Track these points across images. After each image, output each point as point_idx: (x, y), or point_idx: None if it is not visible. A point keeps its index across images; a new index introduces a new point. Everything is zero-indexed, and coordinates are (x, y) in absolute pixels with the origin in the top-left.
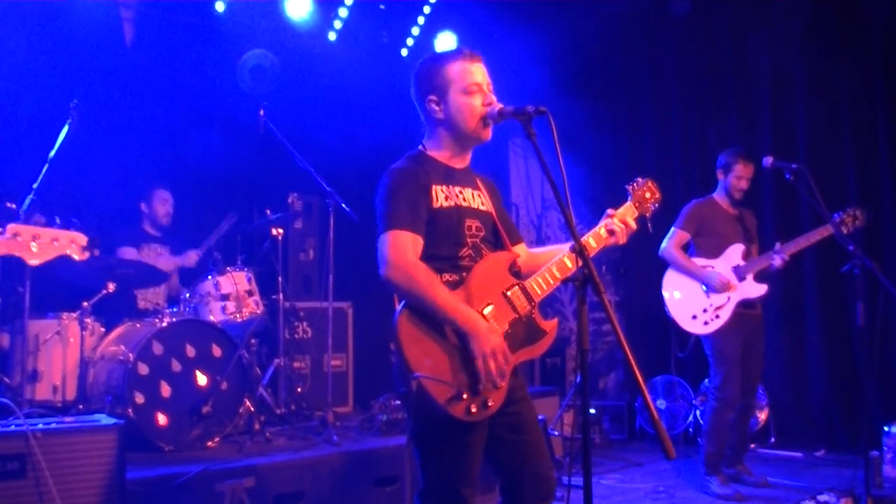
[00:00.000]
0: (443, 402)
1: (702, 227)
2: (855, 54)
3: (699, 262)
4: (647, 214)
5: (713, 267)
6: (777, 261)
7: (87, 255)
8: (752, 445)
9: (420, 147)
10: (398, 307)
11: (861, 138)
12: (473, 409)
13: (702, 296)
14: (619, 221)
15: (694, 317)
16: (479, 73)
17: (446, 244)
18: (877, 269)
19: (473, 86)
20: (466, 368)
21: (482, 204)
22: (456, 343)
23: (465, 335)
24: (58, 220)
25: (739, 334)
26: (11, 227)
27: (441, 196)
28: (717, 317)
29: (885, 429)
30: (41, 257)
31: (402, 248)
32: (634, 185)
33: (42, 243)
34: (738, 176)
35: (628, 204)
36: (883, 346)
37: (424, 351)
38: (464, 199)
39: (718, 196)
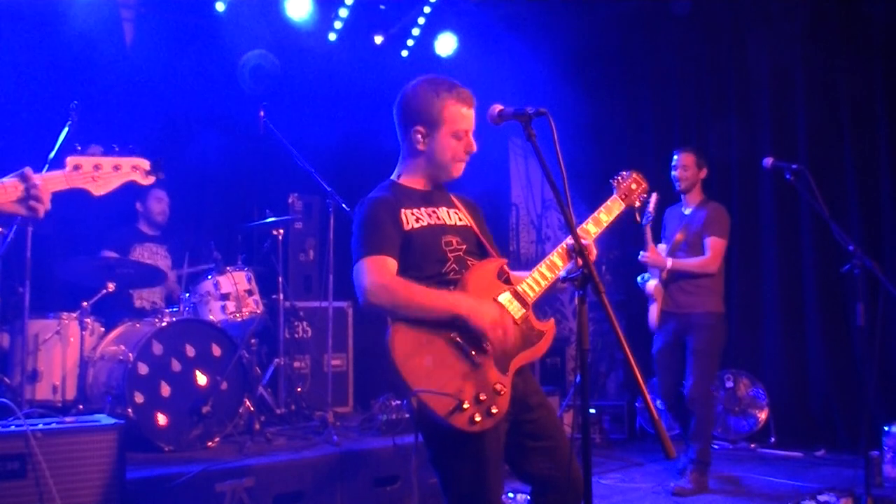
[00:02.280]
0: (444, 414)
1: (663, 232)
2: (855, 54)
3: None
4: (636, 206)
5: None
6: (641, 259)
7: (152, 179)
8: (752, 445)
9: (392, 177)
10: (388, 325)
11: (861, 138)
12: (477, 418)
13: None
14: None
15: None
16: (471, 119)
17: (428, 262)
18: (877, 269)
19: (463, 132)
20: (463, 377)
21: (460, 219)
22: (450, 352)
23: (463, 319)
24: (116, 148)
25: (662, 334)
26: (71, 160)
27: (412, 218)
28: (651, 316)
29: (885, 429)
30: (105, 187)
31: (376, 271)
32: (619, 178)
33: (104, 173)
34: (673, 166)
35: (615, 197)
36: (883, 346)
37: (420, 365)
38: (438, 218)
39: (681, 199)
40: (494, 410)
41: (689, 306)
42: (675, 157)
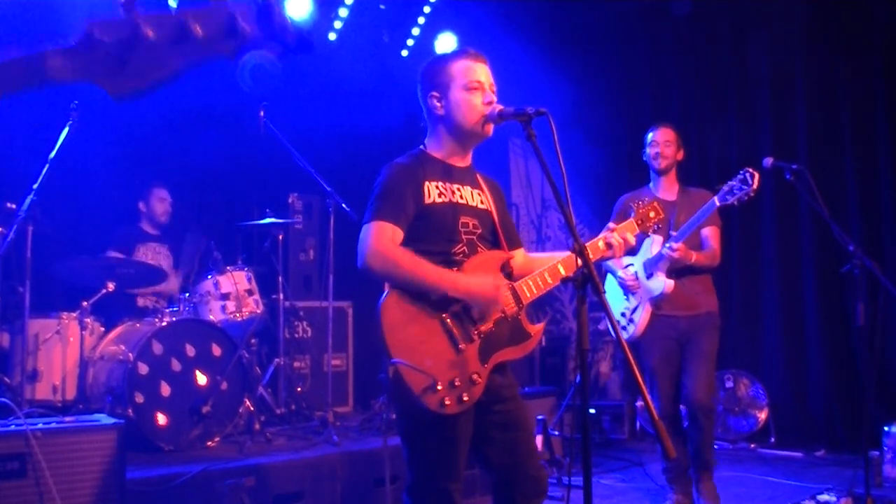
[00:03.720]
0: (418, 391)
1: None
2: (855, 54)
3: (625, 259)
4: (648, 233)
5: (632, 265)
6: (672, 253)
7: None
8: (752, 445)
9: (421, 146)
10: (384, 291)
11: (861, 139)
12: (447, 402)
13: (622, 298)
14: (619, 237)
15: (617, 321)
16: (482, 72)
17: (440, 239)
18: (877, 269)
19: (475, 83)
20: (444, 359)
21: (482, 202)
22: (436, 332)
23: (463, 299)
24: None
25: (660, 343)
26: None
27: (434, 192)
28: (632, 321)
29: (885, 429)
30: None
31: (380, 237)
32: (640, 203)
33: None
34: (651, 143)
35: (630, 220)
36: (883, 346)
37: (405, 339)
38: (461, 197)
39: (652, 183)
40: (465, 398)
41: (696, 307)
42: (652, 133)
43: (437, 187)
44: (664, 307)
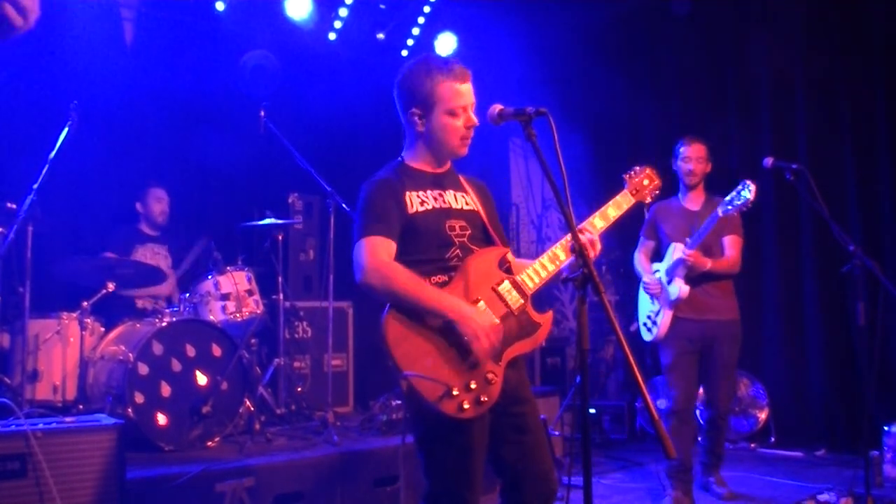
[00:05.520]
0: (433, 399)
1: (657, 230)
2: (855, 54)
3: (655, 266)
4: (646, 201)
5: (658, 271)
6: (686, 259)
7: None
8: (752, 445)
9: (400, 157)
10: (386, 305)
11: (861, 138)
12: (466, 406)
13: (647, 302)
14: (584, 238)
15: (644, 324)
16: (467, 94)
17: (431, 247)
18: (877, 269)
19: (459, 108)
20: (455, 364)
21: (467, 203)
22: (443, 339)
23: (453, 322)
24: None
25: (678, 343)
26: None
27: (416, 201)
28: (655, 324)
29: (885, 429)
30: None
31: (375, 251)
32: (632, 173)
33: None
34: (684, 158)
35: (624, 192)
36: (883, 346)
37: (412, 349)
38: (444, 202)
39: (680, 193)
40: (484, 399)
41: (714, 312)
42: (684, 148)
43: (418, 196)
44: (684, 311)
